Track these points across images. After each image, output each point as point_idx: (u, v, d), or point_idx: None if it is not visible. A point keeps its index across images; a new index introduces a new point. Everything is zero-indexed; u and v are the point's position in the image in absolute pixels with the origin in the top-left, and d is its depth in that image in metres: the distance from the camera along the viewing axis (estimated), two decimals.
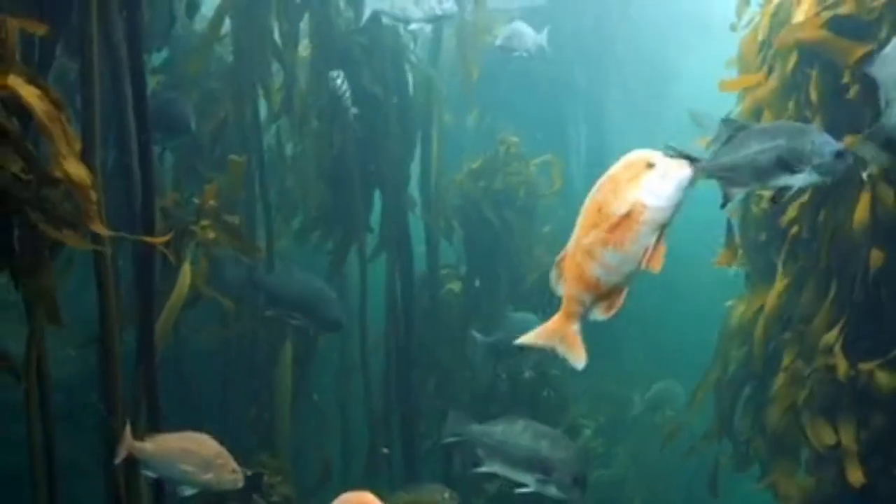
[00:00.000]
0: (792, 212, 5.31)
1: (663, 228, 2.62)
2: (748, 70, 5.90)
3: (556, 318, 2.77)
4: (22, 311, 4.37)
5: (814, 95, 5.14)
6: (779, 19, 5.61)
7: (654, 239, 2.61)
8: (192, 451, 4.50)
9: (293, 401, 7.48)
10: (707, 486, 6.48)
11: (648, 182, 2.60)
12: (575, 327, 2.75)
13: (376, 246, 7.92)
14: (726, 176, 4.26)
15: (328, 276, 7.74)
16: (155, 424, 5.00)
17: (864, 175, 4.76)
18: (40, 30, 4.03)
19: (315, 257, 8.07)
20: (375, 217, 7.88)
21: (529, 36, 8.56)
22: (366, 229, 7.72)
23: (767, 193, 5.43)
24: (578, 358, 2.76)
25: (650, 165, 2.62)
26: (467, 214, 8.45)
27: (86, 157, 4.09)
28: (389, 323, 7.89)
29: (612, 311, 2.74)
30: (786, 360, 5.43)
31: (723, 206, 4.40)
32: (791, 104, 5.35)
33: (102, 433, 4.98)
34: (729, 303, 6.33)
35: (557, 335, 2.76)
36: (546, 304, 8.22)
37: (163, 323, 5.45)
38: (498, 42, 8.62)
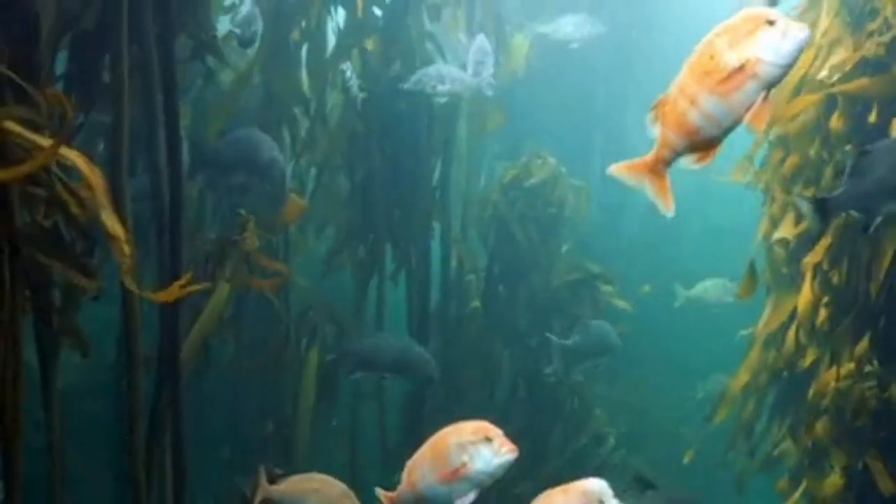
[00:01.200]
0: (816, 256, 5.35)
1: (772, 87, 2.64)
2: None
3: (647, 159, 2.81)
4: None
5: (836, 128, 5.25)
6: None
7: (761, 96, 2.62)
8: (321, 492, 4.65)
9: (313, 418, 7.57)
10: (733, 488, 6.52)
11: (768, 38, 2.62)
12: (665, 171, 2.80)
13: (395, 266, 8.00)
14: (860, 205, 4.23)
15: (355, 298, 7.92)
16: (179, 447, 5.10)
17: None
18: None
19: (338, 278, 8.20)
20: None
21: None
22: (385, 250, 7.83)
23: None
24: (666, 204, 2.83)
25: (771, 22, 2.63)
26: (493, 228, 8.50)
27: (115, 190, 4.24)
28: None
29: (704, 163, 2.77)
30: (821, 374, 5.47)
31: (864, 231, 4.35)
32: (817, 139, 5.45)
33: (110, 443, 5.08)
34: (744, 332, 6.41)
35: (647, 175, 2.82)
36: (563, 317, 8.31)
37: (192, 341, 5.55)
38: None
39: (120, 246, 3.74)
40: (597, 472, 8.40)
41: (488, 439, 3.47)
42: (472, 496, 3.49)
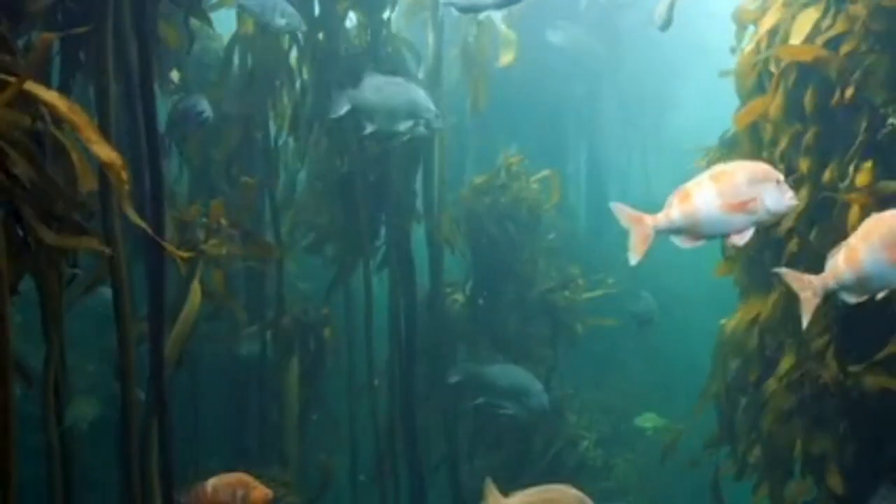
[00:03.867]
0: (787, 222, 5.43)
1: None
2: (744, 87, 6.09)
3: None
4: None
5: (809, 109, 5.36)
6: (775, 41, 5.78)
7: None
8: (558, 502, 4.39)
9: (301, 414, 7.64)
10: (710, 497, 6.59)
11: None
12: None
13: (380, 262, 8.07)
14: None
15: (332, 290, 7.98)
16: (166, 438, 5.15)
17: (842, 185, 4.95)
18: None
19: (322, 272, 8.26)
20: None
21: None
22: (371, 246, 7.88)
23: None
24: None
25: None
26: (472, 230, 8.61)
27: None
28: (392, 340, 8.02)
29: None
30: (781, 368, 5.55)
31: None
32: (794, 119, 5.52)
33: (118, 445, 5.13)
34: (723, 321, 6.48)
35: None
36: (552, 311, 8.40)
37: (175, 336, 5.61)
38: None
39: (116, 172, 3.73)
40: (575, 473, 8.61)
41: (777, 181, 3.67)
42: (750, 233, 3.67)
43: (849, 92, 5.02)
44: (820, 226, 5.32)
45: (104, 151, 3.74)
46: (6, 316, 3.73)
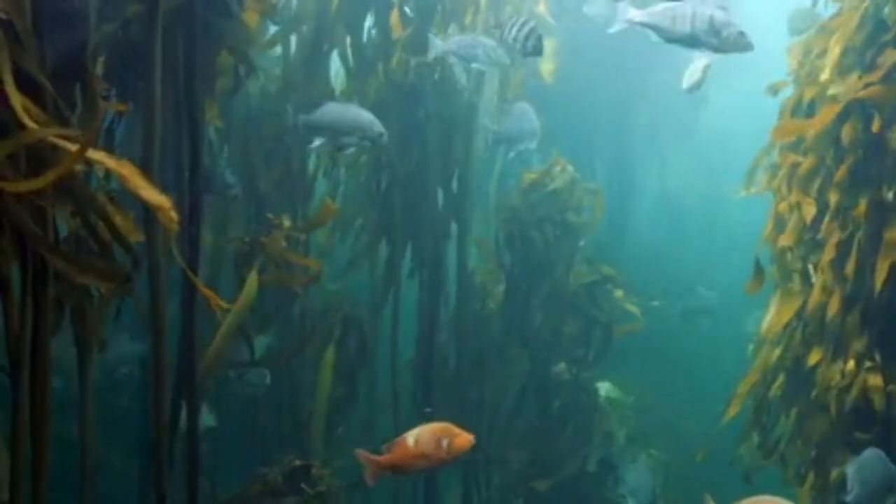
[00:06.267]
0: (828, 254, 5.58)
1: None
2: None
3: None
4: None
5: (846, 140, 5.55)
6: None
7: None
8: None
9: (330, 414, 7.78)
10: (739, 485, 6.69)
11: None
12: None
13: (411, 268, 8.23)
14: None
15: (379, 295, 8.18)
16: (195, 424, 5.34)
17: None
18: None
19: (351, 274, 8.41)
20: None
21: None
22: (403, 252, 8.07)
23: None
24: None
25: None
26: (511, 231, 8.67)
27: None
28: (420, 344, 8.24)
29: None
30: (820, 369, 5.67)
31: None
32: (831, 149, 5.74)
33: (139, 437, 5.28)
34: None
35: None
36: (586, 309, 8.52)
37: (219, 341, 5.78)
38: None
39: (166, 214, 3.84)
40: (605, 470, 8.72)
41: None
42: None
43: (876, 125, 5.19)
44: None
45: (153, 196, 3.87)
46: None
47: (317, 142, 6.75)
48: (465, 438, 4.54)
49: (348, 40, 7.57)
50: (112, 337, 5.05)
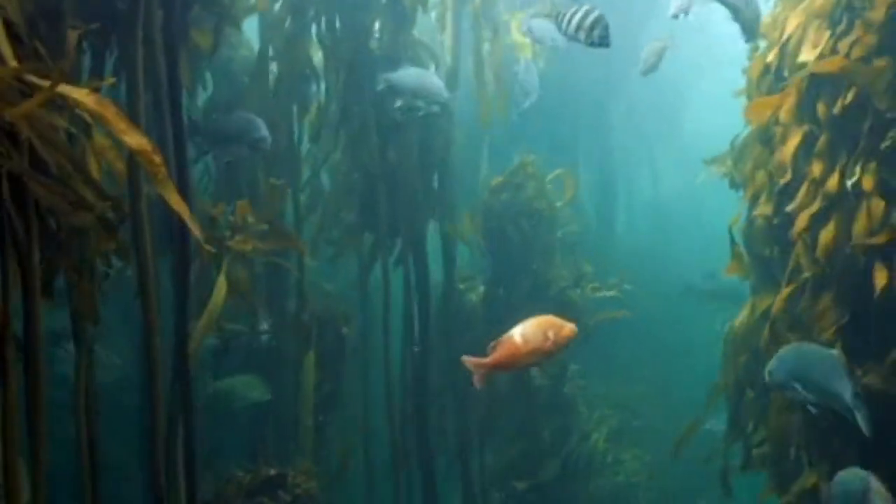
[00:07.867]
0: (800, 223, 5.57)
1: None
2: (755, 89, 6.26)
3: None
4: None
5: (822, 114, 5.49)
6: (787, 46, 5.93)
7: None
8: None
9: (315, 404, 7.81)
10: (720, 488, 6.71)
11: None
12: None
13: (396, 257, 8.23)
14: None
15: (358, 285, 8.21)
16: (190, 423, 5.35)
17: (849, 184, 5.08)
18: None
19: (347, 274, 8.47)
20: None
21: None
22: (389, 242, 8.09)
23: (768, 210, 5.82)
24: None
25: None
26: (489, 228, 8.77)
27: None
28: (406, 336, 8.23)
29: None
30: None
31: None
32: (805, 122, 5.66)
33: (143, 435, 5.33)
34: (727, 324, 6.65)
35: None
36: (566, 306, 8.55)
37: (200, 329, 5.81)
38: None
39: (149, 157, 3.77)
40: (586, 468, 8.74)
41: None
42: None
43: (850, 95, 5.16)
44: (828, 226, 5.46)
45: (134, 139, 3.78)
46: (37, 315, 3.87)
47: (398, 102, 7.38)
48: (569, 328, 4.46)
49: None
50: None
